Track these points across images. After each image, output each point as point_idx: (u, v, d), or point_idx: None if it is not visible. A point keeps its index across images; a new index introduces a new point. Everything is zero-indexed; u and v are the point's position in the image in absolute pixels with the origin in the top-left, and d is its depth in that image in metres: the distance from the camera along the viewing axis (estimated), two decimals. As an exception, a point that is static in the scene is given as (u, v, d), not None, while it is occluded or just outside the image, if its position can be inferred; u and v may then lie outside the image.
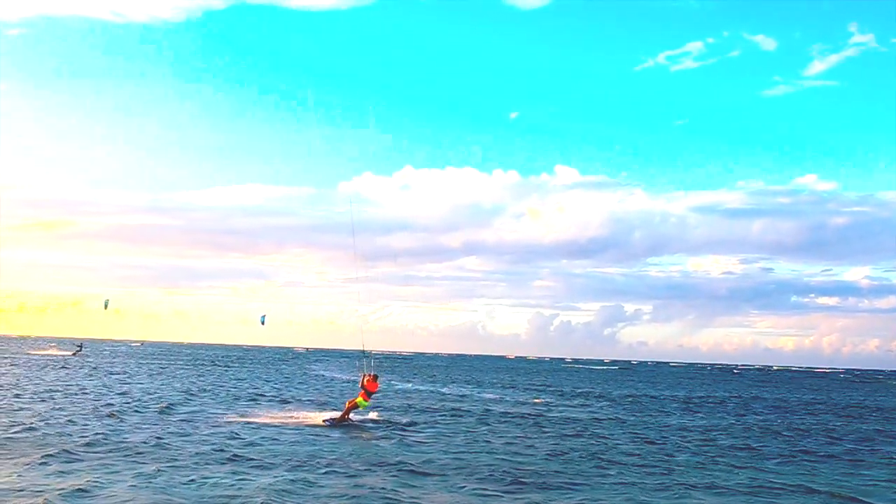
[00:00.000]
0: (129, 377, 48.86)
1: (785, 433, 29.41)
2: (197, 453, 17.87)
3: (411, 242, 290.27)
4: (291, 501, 13.58)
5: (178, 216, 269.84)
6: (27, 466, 15.24)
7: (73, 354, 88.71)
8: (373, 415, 28.18)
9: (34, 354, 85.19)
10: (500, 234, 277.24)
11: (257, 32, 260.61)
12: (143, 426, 22.55)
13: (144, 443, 19.04)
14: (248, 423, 24.79)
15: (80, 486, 13.59)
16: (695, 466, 19.55)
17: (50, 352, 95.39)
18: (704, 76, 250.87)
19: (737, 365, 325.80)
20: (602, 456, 20.59)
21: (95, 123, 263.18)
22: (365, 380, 25.64)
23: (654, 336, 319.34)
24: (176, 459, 16.92)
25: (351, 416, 26.06)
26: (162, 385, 41.78)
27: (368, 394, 25.46)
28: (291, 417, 27.05)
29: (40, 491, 13.12)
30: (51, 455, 16.48)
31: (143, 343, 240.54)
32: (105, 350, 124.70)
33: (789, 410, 44.23)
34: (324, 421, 25.38)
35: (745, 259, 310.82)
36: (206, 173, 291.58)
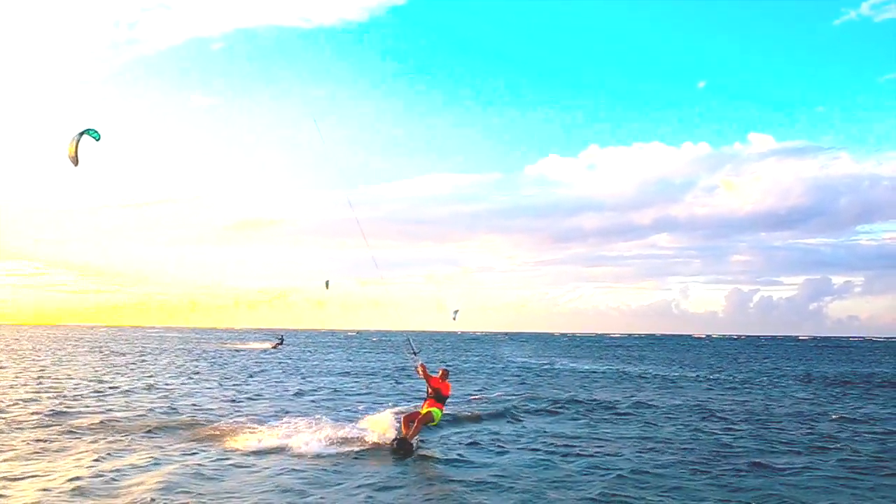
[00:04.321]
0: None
1: None
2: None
3: (600, 222, 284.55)
4: None
5: (371, 209, 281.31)
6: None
7: (273, 347, 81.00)
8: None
9: (234, 349, 78.17)
10: (693, 209, 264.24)
11: (439, 24, 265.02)
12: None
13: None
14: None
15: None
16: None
17: (249, 346, 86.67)
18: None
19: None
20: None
21: (292, 126, 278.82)
22: (430, 380, 16.45)
23: (866, 310, 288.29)
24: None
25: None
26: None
27: (440, 398, 16.45)
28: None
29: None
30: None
31: (358, 332, 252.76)
32: (323, 340, 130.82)
33: None
34: (392, 442, 15.72)
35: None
36: (396, 166, 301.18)
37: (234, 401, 24.98)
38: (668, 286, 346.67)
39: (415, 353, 18.19)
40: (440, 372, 16.84)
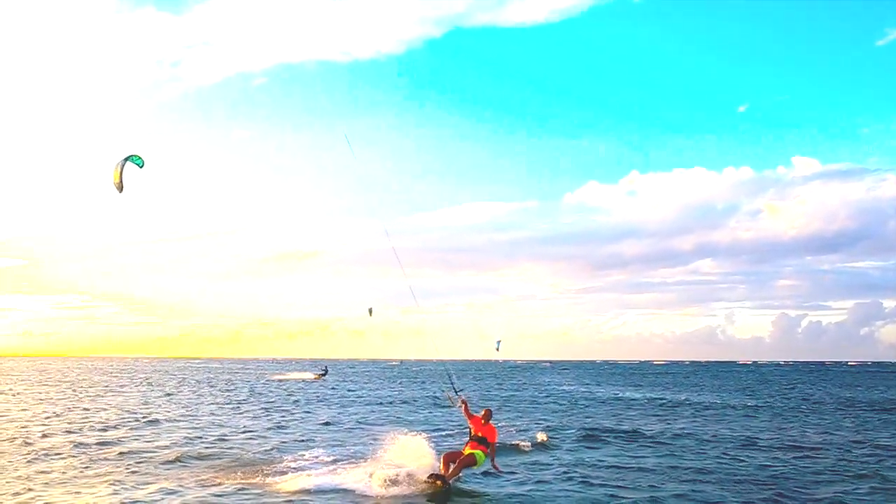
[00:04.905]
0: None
1: None
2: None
3: (641, 248, 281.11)
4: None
5: (411, 238, 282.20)
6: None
7: (317, 378, 77.88)
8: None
9: (275, 379, 75.26)
10: (736, 234, 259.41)
11: (475, 54, 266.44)
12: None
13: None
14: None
15: None
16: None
17: (291, 376, 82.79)
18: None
19: None
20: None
21: (334, 158, 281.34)
22: (471, 421, 15.12)
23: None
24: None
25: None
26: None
27: (482, 441, 14.76)
28: None
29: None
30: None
31: (401, 361, 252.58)
32: (367, 370, 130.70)
33: None
34: (429, 478, 14.53)
35: None
36: (435, 195, 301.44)
37: (263, 433, 24.84)
38: (712, 312, 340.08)
39: (456, 392, 16.54)
40: (483, 413, 15.16)
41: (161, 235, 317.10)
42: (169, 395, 46.00)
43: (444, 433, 23.86)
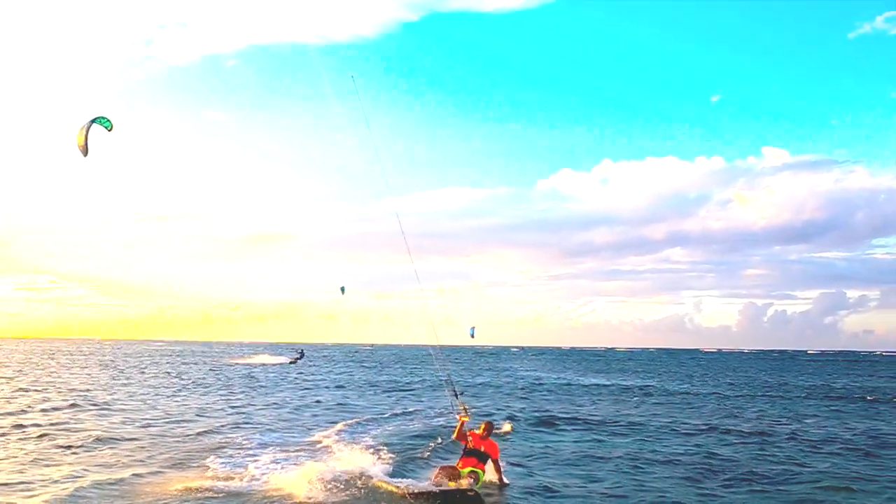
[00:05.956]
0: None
1: None
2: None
3: (613, 236, 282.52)
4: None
5: (383, 223, 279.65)
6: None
7: (292, 362, 73.59)
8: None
9: (242, 363, 71.50)
10: (706, 223, 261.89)
11: (451, 39, 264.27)
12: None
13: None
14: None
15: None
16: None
17: (258, 360, 77.72)
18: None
19: None
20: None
21: (307, 141, 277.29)
22: (476, 434, 13.20)
23: (882, 324, 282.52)
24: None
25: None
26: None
27: (482, 457, 12.86)
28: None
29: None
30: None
31: (372, 346, 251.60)
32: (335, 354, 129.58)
33: None
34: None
35: None
36: (408, 180, 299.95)
37: (193, 417, 24.08)
38: (681, 300, 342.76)
39: (456, 396, 14.62)
40: (483, 427, 13.25)
41: (131, 216, 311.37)
42: (127, 378, 44.82)
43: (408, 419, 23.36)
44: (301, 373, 55.17)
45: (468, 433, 13.04)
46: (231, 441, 17.80)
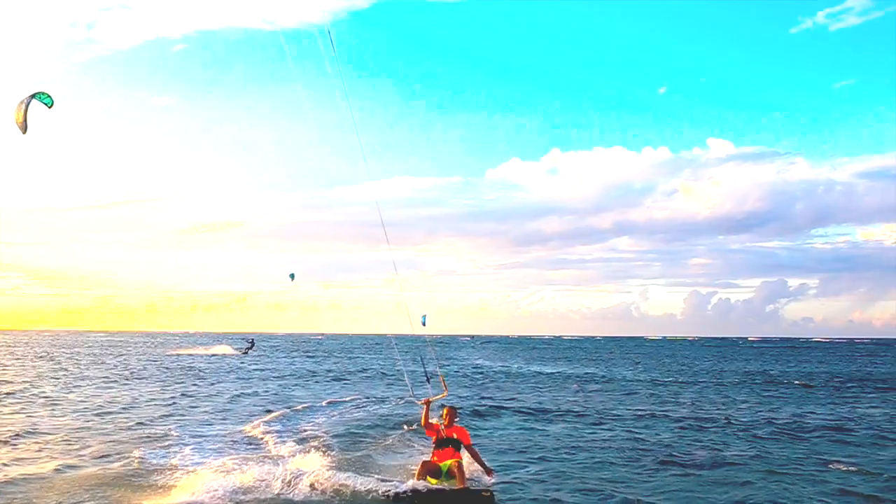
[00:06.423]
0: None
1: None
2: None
3: (561, 226, 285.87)
4: None
5: (332, 212, 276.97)
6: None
7: (244, 352, 71.82)
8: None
9: (183, 354, 70.19)
10: (652, 213, 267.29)
11: (400, 28, 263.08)
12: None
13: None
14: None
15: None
16: None
17: (200, 351, 76.39)
18: (869, 32, 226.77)
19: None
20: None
21: (253, 129, 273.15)
22: (442, 424, 12.46)
23: (821, 311, 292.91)
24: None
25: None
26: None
27: (456, 446, 12.17)
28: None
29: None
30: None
31: (324, 336, 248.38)
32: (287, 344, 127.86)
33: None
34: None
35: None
36: (357, 169, 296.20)
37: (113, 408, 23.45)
38: (628, 289, 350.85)
39: (428, 380, 13.84)
40: (445, 413, 12.57)
41: (72, 203, 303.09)
42: (62, 370, 43.34)
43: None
44: (243, 363, 54.27)
45: (434, 424, 12.41)
46: (160, 433, 17.40)
